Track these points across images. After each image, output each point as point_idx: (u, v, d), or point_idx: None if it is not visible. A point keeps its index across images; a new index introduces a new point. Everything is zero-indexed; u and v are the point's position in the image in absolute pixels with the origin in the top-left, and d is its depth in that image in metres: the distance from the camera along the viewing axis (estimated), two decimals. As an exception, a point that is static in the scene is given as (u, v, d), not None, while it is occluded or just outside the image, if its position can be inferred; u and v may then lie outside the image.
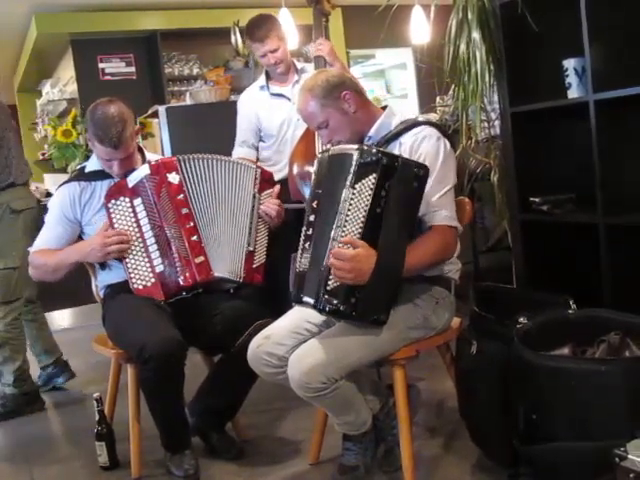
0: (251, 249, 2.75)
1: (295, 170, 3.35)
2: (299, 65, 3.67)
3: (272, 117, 3.59)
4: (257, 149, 3.70)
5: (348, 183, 2.07)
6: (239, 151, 3.64)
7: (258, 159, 3.71)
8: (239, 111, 3.71)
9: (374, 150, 2.09)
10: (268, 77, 3.65)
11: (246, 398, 2.74)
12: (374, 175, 2.05)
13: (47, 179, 6.06)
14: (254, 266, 2.77)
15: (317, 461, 2.61)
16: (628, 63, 2.63)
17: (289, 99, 3.57)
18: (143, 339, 2.39)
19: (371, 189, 2.05)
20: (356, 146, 2.13)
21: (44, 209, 2.86)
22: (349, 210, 2.07)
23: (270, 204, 2.81)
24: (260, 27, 3.51)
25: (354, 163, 2.08)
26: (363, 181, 2.06)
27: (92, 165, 2.79)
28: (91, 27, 7.19)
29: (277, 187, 2.88)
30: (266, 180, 2.85)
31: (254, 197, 2.78)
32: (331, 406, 2.25)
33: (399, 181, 2.07)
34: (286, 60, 3.58)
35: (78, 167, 2.91)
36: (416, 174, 2.10)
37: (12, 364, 3.52)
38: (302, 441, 2.80)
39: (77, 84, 7.36)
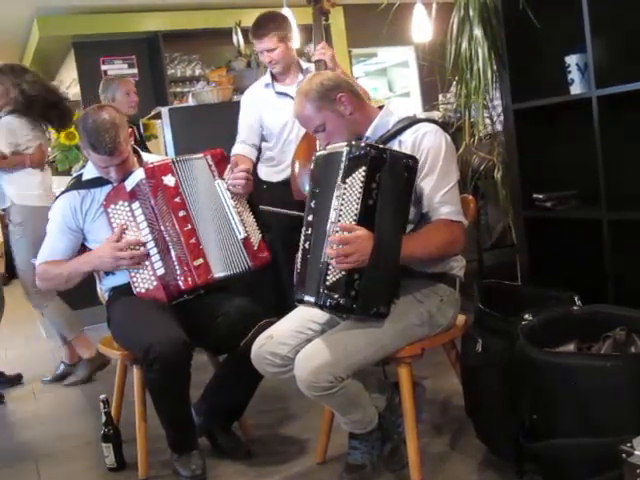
0: (244, 235, 2.74)
1: (297, 169, 3.34)
2: (304, 65, 3.64)
3: (276, 116, 3.56)
4: (258, 149, 3.65)
5: (339, 179, 2.10)
6: (239, 148, 3.58)
7: (259, 159, 3.69)
8: (242, 108, 3.66)
9: (362, 144, 2.12)
10: (273, 76, 3.64)
11: (252, 397, 2.74)
12: (363, 168, 2.07)
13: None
14: (255, 248, 2.76)
15: (324, 460, 2.61)
16: (630, 58, 2.63)
17: (293, 99, 3.54)
18: (149, 340, 2.39)
19: (361, 181, 2.07)
20: (345, 143, 2.16)
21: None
22: (342, 205, 2.09)
23: (234, 177, 2.77)
24: (262, 24, 3.48)
25: (344, 159, 2.10)
26: (353, 175, 2.08)
27: (89, 172, 2.78)
28: (93, 29, 7.20)
29: (233, 160, 2.84)
30: (220, 160, 2.81)
31: (218, 185, 2.77)
32: (338, 405, 2.25)
33: (389, 172, 2.09)
34: (283, 62, 3.52)
35: (75, 175, 2.90)
36: (406, 165, 2.12)
37: None
38: (308, 440, 2.80)
39: (80, 86, 7.37)
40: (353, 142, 2.14)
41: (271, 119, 3.57)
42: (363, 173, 2.07)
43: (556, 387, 1.98)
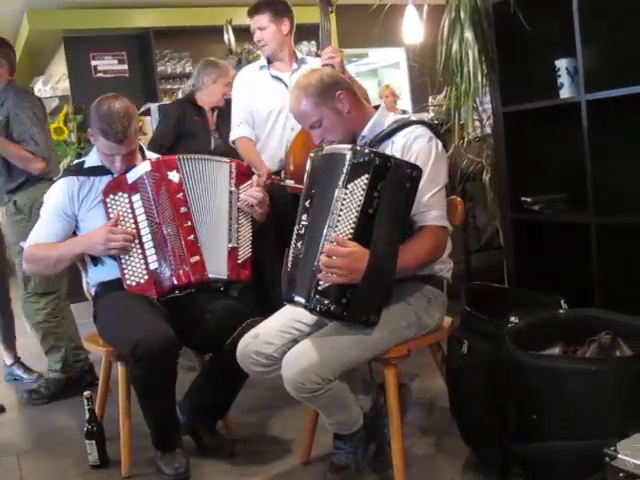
0: (233, 245, 2.74)
1: (293, 164, 3.26)
2: (299, 55, 3.58)
3: (267, 99, 3.45)
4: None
5: (340, 183, 2.07)
6: (241, 130, 3.46)
7: None
8: (236, 90, 3.56)
9: (367, 150, 2.09)
10: (269, 60, 3.55)
11: (237, 397, 2.74)
12: (366, 175, 2.04)
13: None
14: (239, 262, 2.76)
15: (308, 460, 2.61)
16: (620, 63, 2.64)
17: (286, 85, 3.46)
18: (136, 336, 2.38)
19: (363, 189, 2.04)
20: (349, 146, 2.13)
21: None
22: (341, 210, 2.06)
23: (250, 193, 2.78)
24: (258, 2, 3.46)
25: (347, 163, 2.07)
26: (355, 181, 2.05)
27: (91, 160, 2.78)
28: (84, 24, 7.16)
29: (255, 177, 2.83)
30: (243, 173, 2.83)
31: (230, 192, 2.77)
32: (324, 406, 2.25)
33: (391, 182, 2.06)
34: (272, 44, 3.46)
35: (76, 162, 2.90)
36: (409, 175, 2.09)
37: (57, 352, 3.68)
38: (293, 440, 2.80)
39: (69, 81, 7.34)
40: (357, 147, 2.11)
41: (260, 102, 3.45)
42: (366, 181, 2.04)
43: (542, 390, 1.98)
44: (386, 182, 2.05)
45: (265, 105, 3.45)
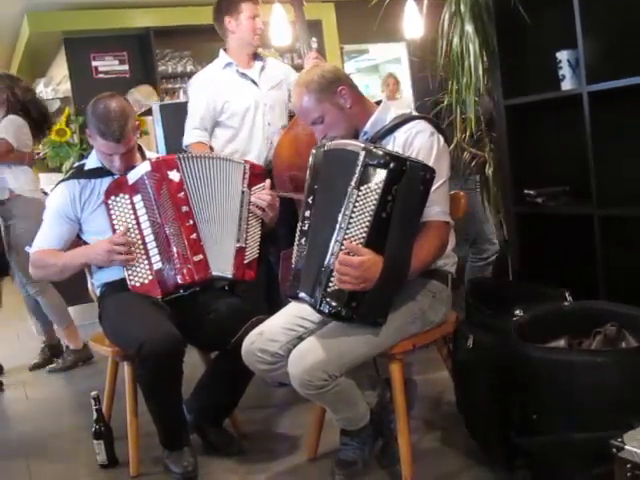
0: (241, 245, 2.74)
1: (281, 163, 3.23)
2: (259, 50, 3.53)
3: (241, 95, 3.37)
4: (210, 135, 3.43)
5: (353, 183, 2.03)
6: (197, 134, 3.35)
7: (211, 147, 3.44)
8: (197, 92, 3.42)
9: (381, 152, 2.04)
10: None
11: (244, 394, 2.74)
12: (381, 179, 2.01)
13: (42, 178, 6.04)
14: (245, 262, 2.76)
15: (315, 456, 2.61)
16: (621, 54, 2.62)
17: (256, 83, 3.41)
18: (142, 336, 2.39)
19: (377, 193, 2.01)
20: (361, 145, 2.10)
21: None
22: (353, 212, 2.03)
23: (260, 196, 2.78)
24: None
25: (360, 163, 2.04)
26: (369, 184, 2.02)
27: (91, 162, 2.79)
28: (84, 25, 7.16)
29: (268, 181, 2.83)
30: (256, 174, 2.83)
31: (243, 193, 2.77)
32: (331, 402, 2.25)
33: (406, 185, 2.02)
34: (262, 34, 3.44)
35: (77, 164, 2.91)
36: (423, 177, 2.06)
37: None
38: (300, 436, 2.80)
39: (70, 83, 7.33)
40: (371, 147, 2.07)
41: (234, 99, 3.36)
42: (380, 184, 2.00)
43: (547, 382, 1.98)
44: (400, 186, 2.02)
45: (241, 101, 3.37)
